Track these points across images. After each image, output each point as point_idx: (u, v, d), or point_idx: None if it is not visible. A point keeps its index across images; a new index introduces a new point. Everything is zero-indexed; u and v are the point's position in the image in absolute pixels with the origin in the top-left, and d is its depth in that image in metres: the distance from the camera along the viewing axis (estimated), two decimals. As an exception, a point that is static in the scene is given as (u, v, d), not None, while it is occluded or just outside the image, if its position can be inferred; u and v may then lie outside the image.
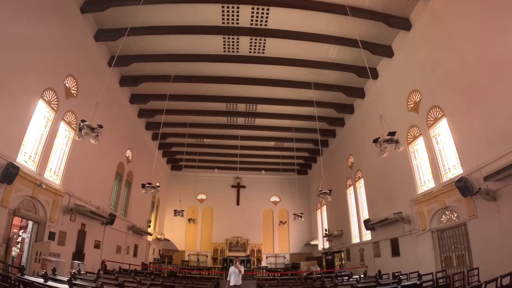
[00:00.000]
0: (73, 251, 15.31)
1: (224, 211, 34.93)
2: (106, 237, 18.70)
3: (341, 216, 24.99)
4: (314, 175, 33.18)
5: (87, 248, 16.53)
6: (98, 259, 17.74)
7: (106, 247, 18.78)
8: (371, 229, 19.26)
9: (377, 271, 14.39)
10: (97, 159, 17.59)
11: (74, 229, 15.43)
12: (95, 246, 17.52)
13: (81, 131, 9.25)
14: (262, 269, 28.43)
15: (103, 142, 17.67)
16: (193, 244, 33.96)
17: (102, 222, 17.98)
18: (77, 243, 15.62)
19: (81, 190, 15.78)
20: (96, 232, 17.54)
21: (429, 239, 13.79)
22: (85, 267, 15.29)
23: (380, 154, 10.43)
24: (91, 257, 16.81)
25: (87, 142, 16.04)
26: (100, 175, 18.22)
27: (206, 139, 28.22)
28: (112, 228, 19.30)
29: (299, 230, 34.86)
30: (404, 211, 15.64)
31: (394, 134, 9.84)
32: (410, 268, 13.70)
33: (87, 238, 16.48)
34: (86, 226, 16.33)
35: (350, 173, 23.34)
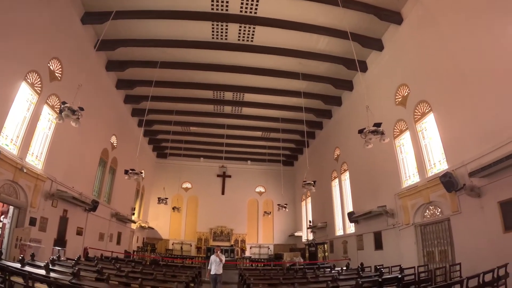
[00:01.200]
0: (55, 238, 15.03)
1: (209, 200, 34.77)
2: (89, 224, 18.42)
3: (326, 208, 25.04)
4: (300, 167, 33.10)
5: (69, 235, 16.25)
6: (80, 246, 17.49)
7: (89, 234, 18.50)
8: (355, 222, 19.32)
9: (360, 263, 14.46)
10: (81, 144, 17.28)
11: (56, 215, 15.13)
12: (77, 233, 17.24)
13: (62, 113, 8.92)
14: (246, 259, 28.33)
15: (87, 127, 17.65)
16: (177, 233, 33.77)
17: (84, 209, 17.72)
18: (58, 229, 15.31)
19: (63, 175, 15.49)
20: (78, 218, 17.26)
21: (412, 233, 13.83)
22: (65, 253, 15.09)
23: (365, 145, 10.39)
24: (73, 244, 16.57)
25: (71, 126, 15.66)
26: (84, 161, 17.89)
27: (192, 127, 27.93)
28: (95, 215, 19.00)
29: (284, 221, 34.91)
30: (388, 204, 15.65)
31: (379, 126, 9.77)
32: (393, 261, 13.74)
33: (69, 225, 16.19)
34: (68, 212, 16.05)
35: (336, 165, 23.35)
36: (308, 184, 16.79)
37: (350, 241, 20.33)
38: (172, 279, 10.52)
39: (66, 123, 14.28)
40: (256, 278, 12.55)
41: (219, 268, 12.78)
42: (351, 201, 20.59)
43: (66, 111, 9.09)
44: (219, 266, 12.81)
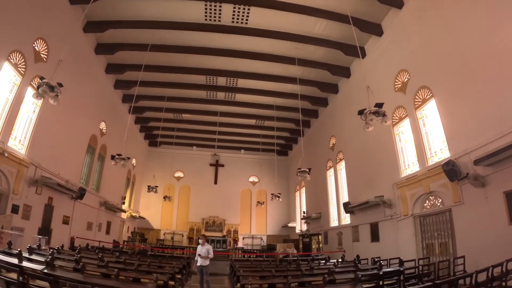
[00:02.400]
0: (39, 226, 14.48)
1: (201, 189, 34.25)
2: (76, 213, 17.85)
3: (320, 198, 24.62)
4: (294, 157, 32.63)
5: (55, 224, 15.70)
6: (66, 236, 16.92)
7: (76, 223, 17.94)
8: (350, 213, 18.91)
9: (356, 255, 14.04)
10: (68, 129, 16.67)
11: (41, 203, 14.57)
12: (63, 221, 16.66)
13: (39, 89, 8.30)
14: (238, 250, 27.99)
15: (74, 112, 17.09)
16: (169, 222, 33.29)
17: (71, 197, 17.14)
18: (43, 217, 14.77)
19: (48, 161, 14.89)
20: (64, 206, 16.68)
21: (410, 224, 13.42)
22: (50, 242, 14.53)
23: (365, 127, 9.87)
24: (59, 233, 16.01)
25: (57, 110, 15.32)
26: (71, 147, 17.25)
27: (184, 114, 27.28)
28: (83, 203, 18.41)
29: (277, 211, 34.56)
30: (386, 195, 15.22)
31: (381, 106, 9.26)
32: (390, 254, 13.30)
33: (54, 213, 15.63)
34: (53, 200, 15.46)
35: (331, 154, 22.88)
36: (303, 172, 16.27)
37: (345, 232, 19.92)
38: (157, 270, 9.96)
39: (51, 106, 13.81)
40: (247, 270, 12.08)
41: (205, 260, 11.86)
42: (347, 191, 20.13)
43: (44, 87, 8.45)
44: (204, 260, 11.86)
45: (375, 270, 9.68)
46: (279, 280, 8.74)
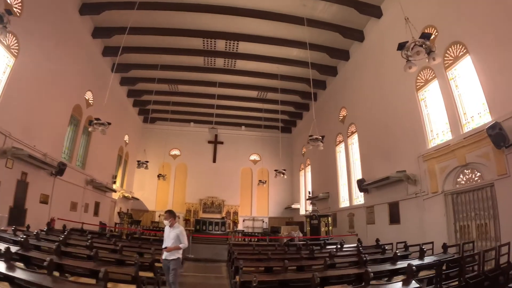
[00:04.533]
0: (10, 206, 12.82)
1: (199, 168, 32.65)
2: (57, 191, 16.18)
3: (328, 177, 23.02)
4: (299, 134, 31.16)
5: (31, 203, 14.05)
6: (45, 217, 15.25)
7: (57, 203, 16.27)
8: (364, 191, 17.29)
9: (376, 239, 12.43)
10: (46, 96, 14.94)
11: (12, 178, 12.86)
12: (41, 200, 15.01)
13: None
14: (238, 233, 26.59)
15: (55, 77, 15.19)
16: (164, 204, 31.70)
17: (50, 173, 15.44)
18: (16, 195, 13.08)
19: (22, 131, 13.21)
20: (42, 184, 15.00)
21: (440, 203, 11.77)
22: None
23: (406, 68, 8.07)
24: (36, 213, 14.35)
25: (33, 72, 13.43)
26: (50, 117, 15.46)
27: (180, 85, 25.40)
28: (65, 181, 16.76)
29: (280, 192, 33.09)
30: (409, 169, 13.49)
31: (429, 38, 7.39)
32: (412, 238, 11.88)
33: (30, 191, 13.95)
34: (28, 175, 13.76)
35: (342, 128, 21.15)
36: (315, 140, 14.21)
37: (357, 213, 18.38)
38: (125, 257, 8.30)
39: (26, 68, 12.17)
40: (248, 258, 10.42)
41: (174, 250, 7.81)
42: (360, 168, 18.48)
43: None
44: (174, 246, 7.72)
45: (416, 260, 8.01)
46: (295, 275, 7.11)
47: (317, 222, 20.36)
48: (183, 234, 7.75)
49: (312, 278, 4.42)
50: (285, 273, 6.82)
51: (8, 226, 11.93)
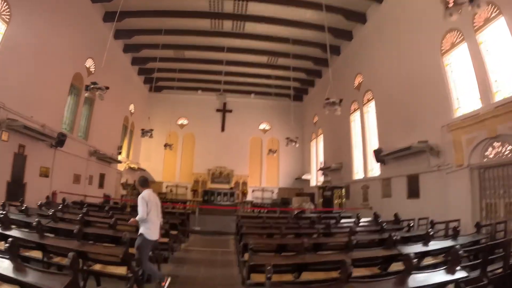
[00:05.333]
0: (8, 180, 12.36)
1: (207, 138, 32.01)
2: (58, 164, 15.67)
3: (341, 146, 22.23)
4: (311, 102, 30.17)
5: (30, 177, 13.60)
6: (47, 190, 14.77)
7: (59, 176, 15.81)
8: (381, 162, 16.49)
9: (394, 214, 11.71)
10: (43, 64, 14.18)
11: (8, 152, 12.38)
12: (42, 174, 14.55)
13: None
14: (247, 203, 26.12)
15: (51, 44, 14.43)
16: (171, 174, 31.49)
17: (50, 144, 14.87)
18: (13, 169, 12.59)
19: (17, 102, 12.58)
20: (42, 156, 14.51)
21: (466, 178, 10.94)
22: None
23: (446, 15, 7.12)
24: (36, 187, 13.93)
25: (27, 40, 12.61)
26: (48, 86, 14.74)
27: (186, 50, 24.32)
28: (67, 153, 16.21)
29: (290, 162, 32.41)
30: (431, 140, 12.64)
31: None
32: (432, 214, 11.19)
33: (28, 164, 13.48)
34: (26, 148, 13.24)
35: (357, 95, 20.13)
36: (332, 104, 13.23)
37: (372, 186, 17.65)
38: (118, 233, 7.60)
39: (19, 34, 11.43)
40: (258, 233, 9.76)
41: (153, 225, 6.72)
42: (377, 137, 17.65)
43: None
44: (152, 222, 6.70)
45: (449, 240, 7.27)
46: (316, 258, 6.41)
47: (330, 193, 19.76)
48: (139, 203, 6.54)
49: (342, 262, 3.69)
50: (304, 254, 5.99)
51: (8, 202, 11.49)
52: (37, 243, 5.96)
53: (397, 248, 6.17)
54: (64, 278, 3.56)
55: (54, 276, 3.69)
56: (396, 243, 6.29)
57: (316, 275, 6.01)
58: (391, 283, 3.82)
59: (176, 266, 9.14)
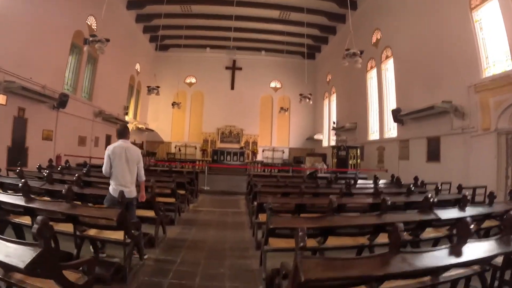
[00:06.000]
0: (8, 145, 11.99)
1: (216, 96, 31.23)
2: (62, 126, 15.28)
3: (356, 106, 21.46)
4: (324, 60, 28.99)
5: (32, 140, 13.26)
6: (50, 154, 14.35)
7: (63, 138, 15.49)
8: (399, 122, 15.82)
9: (414, 177, 11.06)
10: (40, 22, 13.36)
11: (7, 115, 11.95)
12: (44, 137, 14.19)
13: None
14: (257, 163, 25.72)
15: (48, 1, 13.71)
16: (180, 134, 31.09)
17: (52, 106, 14.38)
18: (13, 134, 12.21)
19: (16, 64, 12.00)
20: (44, 119, 14.11)
21: (492, 143, 10.30)
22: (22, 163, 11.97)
23: None
24: (39, 151, 13.60)
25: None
26: (47, 46, 13.98)
27: (193, 5, 23.10)
28: (70, 114, 15.79)
29: (302, 121, 31.75)
30: (456, 100, 11.82)
31: None
32: (453, 179, 10.55)
33: (29, 127, 13.11)
34: (26, 111, 12.80)
35: (375, 52, 19.08)
36: (353, 55, 12.34)
37: (388, 147, 17.07)
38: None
39: None
40: (273, 192, 9.23)
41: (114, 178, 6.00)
42: (395, 97, 16.82)
43: None
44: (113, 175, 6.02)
45: (486, 206, 6.62)
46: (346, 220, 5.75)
47: (345, 153, 19.14)
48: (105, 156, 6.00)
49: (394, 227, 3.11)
50: (332, 216, 5.33)
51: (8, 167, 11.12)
52: (24, 207, 5.33)
53: (434, 212, 5.57)
54: (34, 250, 2.96)
55: (23, 249, 3.05)
56: (433, 206, 5.68)
57: (343, 240, 5.49)
58: (445, 253, 3.30)
59: (183, 229, 8.76)
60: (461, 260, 3.27)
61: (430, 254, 3.27)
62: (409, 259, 3.07)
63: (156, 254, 6.48)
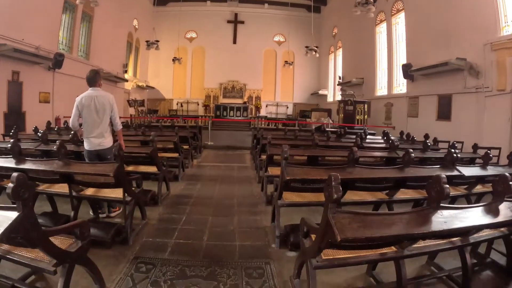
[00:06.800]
0: (5, 111, 11.67)
1: (218, 50, 30.10)
2: (59, 87, 14.84)
3: (364, 61, 20.71)
4: (330, 13, 27.75)
5: (29, 104, 12.91)
6: (49, 117, 13.88)
7: (61, 100, 14.98)
8: (409, 78, 15.29)
9: (425, 135, 10.66)
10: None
11: (1, 80, 11.55)
12: (42, 100, 13.82)
13: None
14: (261, 118, 25.59)
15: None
16: (182, 91, 30.45)
17: (48, 67, 13.91)
18: (9, 98, 11.84)
19: (5, 26, 11.35)
20: (39, 81, 13.67)
21: (506, 104, 9.83)
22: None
23: None
24: (37, 115, 13.21)
25: None
26: (37, 4, 13.16)
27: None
28: (67, 75, 15.17)
29: (306, 76, 30.98)
30: (470, 58, 11.24)
31: None
32: (464, 139, 10.22)
33: (25, 91, 12.71)
34: (21, 74, 12.34)
35: (384, 5, 18.06)
36: (365, 4, 11.74)
37: (397, 104, 16.65)
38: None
39: None
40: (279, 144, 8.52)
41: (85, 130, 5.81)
42: (405, 52, 16.12)
43: None
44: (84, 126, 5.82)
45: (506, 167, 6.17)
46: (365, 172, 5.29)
47: (352, 108, 18.70)
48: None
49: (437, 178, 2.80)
50: (352, 168, 4.91)
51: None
52: (14, 168, 4.78)
53: (457, 168, 5.27)
54: (10, 215, 2.50)
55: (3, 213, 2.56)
56: (456, 162, 5.37)
57: (360, 195, 5.24)
58: (481, 211, 3.06)
59: (188, 185, 8.55)
60: (498, 220, 3.01)
61: (469, 211, 3.06)
62: (449, 215, 2.83)
63: (159, 212, 6.26)
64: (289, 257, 4.46)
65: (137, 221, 5.37)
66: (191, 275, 3.94)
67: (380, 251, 3.12)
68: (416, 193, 5.52)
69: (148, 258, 4.38)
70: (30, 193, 2.58)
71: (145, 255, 4.47)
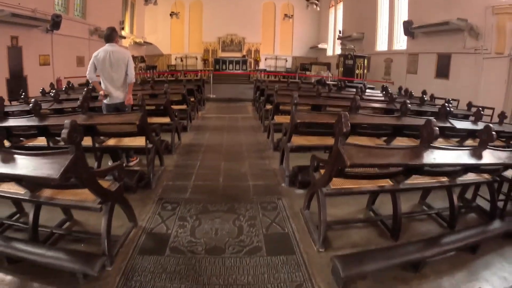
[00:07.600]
0: (7, 77, 12.08)
1: (215, 4, 29.88)
2: (58, 48, 15.13)
3: (365, 15, 20.91)
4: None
5: (30, 68, 13.25)
6: (50, 79, 14.10)
7: (61, 62, 15.39)
8: (410, 36, 15.66)
9: (422, 91, 11.23)
10: None
11: (1, 46, 11.83)
12: (42, 63, 14.18)
13: None
14: (261, 71, 26.12)
15: None
16: (180, 45, 30.50)
17: (46, 29, 14.13)
18: (10, 64, 12.22)
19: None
20: (38, 44, 13.94)
21: (503, 67, 10.44)
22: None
23: None
24: (38, 78, 13.40)
25: None
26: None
27: None
28: (65, 35, 15.42)
29: (306, 30, 30.92)
30: (472, 19, 11.59)
31: None
32: (461, 98, 10.62)
33: (25, 55, 13.02)
34: (19, 38, 12.60)
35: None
36: None
37: (396, 60, 17.11)
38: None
39: None
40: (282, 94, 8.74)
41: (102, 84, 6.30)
42: (407, 9, 16.38)
43: None
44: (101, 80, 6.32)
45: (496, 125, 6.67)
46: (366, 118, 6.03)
47: (352, 62, 19.13)
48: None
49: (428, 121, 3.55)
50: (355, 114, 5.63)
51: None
52: (38, 126, 5.38)
53: (450, 121, 5.89)
54: (65, 158, 2.82)
55: (53, 159, 2.89)
56: (449, 115, 6.00)
57: (360, 140, 5.58)
58: (466, 154, 3.70)
59: (196, 134, 9.27)
60: (481, 162, 3.65)
61: (456, 152, 3.76)
62: (438, 154, 3.46)
63: (174, 160, 6.96)
64: (297, 194, 5.24)
65: (156, 168, 5.95)
66: (213, 210, 4.68)
67: (379, 183, 3.86)
68: (411, 141, 6.11)
69: (172, 198, 5.07)
70: (80, 137, 2.99)
71: (168, 196, 5.16)
